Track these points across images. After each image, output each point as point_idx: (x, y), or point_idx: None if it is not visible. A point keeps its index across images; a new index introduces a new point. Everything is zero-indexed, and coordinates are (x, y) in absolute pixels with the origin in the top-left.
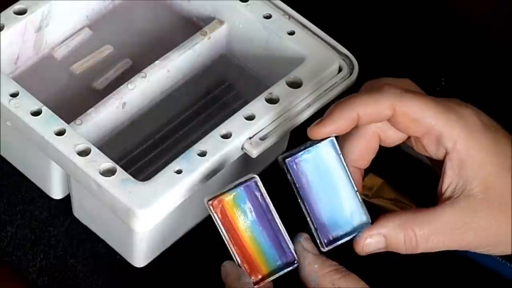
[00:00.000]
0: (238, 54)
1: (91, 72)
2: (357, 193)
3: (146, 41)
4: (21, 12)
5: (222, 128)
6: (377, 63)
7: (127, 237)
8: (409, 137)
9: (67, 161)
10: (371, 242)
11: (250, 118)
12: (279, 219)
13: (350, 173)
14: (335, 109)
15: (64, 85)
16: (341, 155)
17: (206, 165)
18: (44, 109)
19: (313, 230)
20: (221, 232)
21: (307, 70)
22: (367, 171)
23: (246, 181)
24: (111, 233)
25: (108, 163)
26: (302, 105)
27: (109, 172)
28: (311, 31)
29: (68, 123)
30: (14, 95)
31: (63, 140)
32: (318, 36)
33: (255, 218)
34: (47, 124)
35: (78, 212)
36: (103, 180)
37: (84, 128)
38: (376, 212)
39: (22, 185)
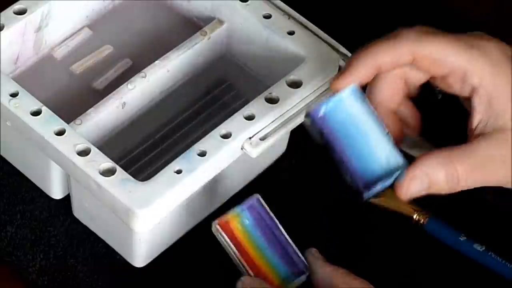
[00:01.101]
0: (238, 54)
1: (91, 72)
2: (389, 134)
3: (146, 41)
4: (21, 12)
5: (222, 128)
6: None
7: (127, 237)
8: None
9: (67, 161)
10: (415, 182)
11: (250, 118)
12: (285, 233)
13: (377, 117)
14: (353, 59)
15: (64, 85)
16: (366, 100)
17: (206, 165)
18: (44, 109)
19: (349, 180)
20: (230, 252)
21: (307, 70)
22: None
23: (249, 201)
24: (111, 233)
25: (108, 163)
26: (302, 105)
27: (109, 172)
28: (311, 31)
29: (68, 123)
30: (14, 95)
31: (63, 140)
32: (318, 36)
33: (262, 236)
34: (47, 124)
35: (78, 212)
36: (103, 180)
37: (84, 128)
38: (377, 212)
39: (22, 185)
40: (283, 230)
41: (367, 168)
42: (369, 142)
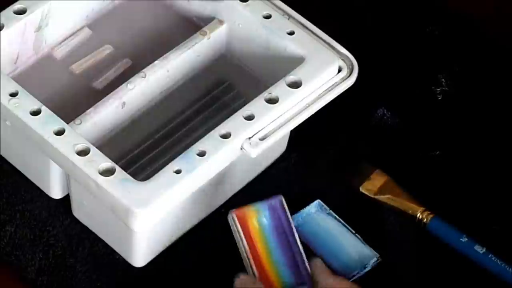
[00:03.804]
0: (238, 54)
1: (91, 72)
2: (356, 234)
3: (146, 41)
4: (21, 12)
5: (222, 128)
6: (377, 63)
7: (126, 236)
8: None
9: (66, 160)
10: None
11: (250, 118)
12: (299, 242)
13: (343, 222)
14: None
15: (63, 85)
16: (330, 211)
17: (205, 165)
18: (44, 108)
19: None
20: (240, 244)
21: (307, 70)
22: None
23: (271, 200)
24: (110, 233)
25: (107, 163)
26: (302, 105)
27: (108, 172)
28: (311, 31)
29: (67, 123)
30: (13, 94)
31: (62, 139)
32: (318, 36)
33: (276, 239)
34: (47, 123)
35: (77, 212)
36: (102, 180)
37: (84, 128)
38: (378, 209)
39: (22, 184)
40: (297, 238)
41: (343, 264)
42: (340, 244)
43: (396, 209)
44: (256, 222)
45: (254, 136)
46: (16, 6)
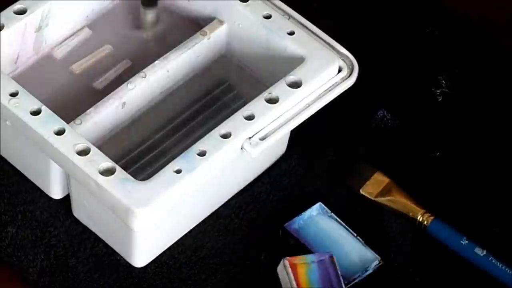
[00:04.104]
0: (238, 54)
1: (91, 72)
2: (357, 236)
3: (146, 41)
4: (21, 12)
5: (222, 128)
6: (377, 63)
7: (126, 236)
8: None
9: (66, 160)
10: None
11: (250, 118)
12: None
13: (345, 225)
14: None
15: (63, 85)
16: (331, 213)
17: (205, 165)
18: (44, 108)
19: None
20: None
21: (307, 70)
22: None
23: (321, 256)
24: (110, 233)
25: (107, 163)
26: (302, 105)
27: (108, 172)
28: (311, 31)
29: (67, 123)
30: (13, 94)
31: (62, 139)
32: (318, 36)
33: None
34: (47, 123)
35: (77, 212)
36: (103, 180)
37: (84, 128)
38: (379, 211)
39: (23, 185)
40: None
41: (344, 267)
42: (342, 247)
43: (396, 212)
44: (305, 274)
45: (254, 136)
46: (16, 6)
